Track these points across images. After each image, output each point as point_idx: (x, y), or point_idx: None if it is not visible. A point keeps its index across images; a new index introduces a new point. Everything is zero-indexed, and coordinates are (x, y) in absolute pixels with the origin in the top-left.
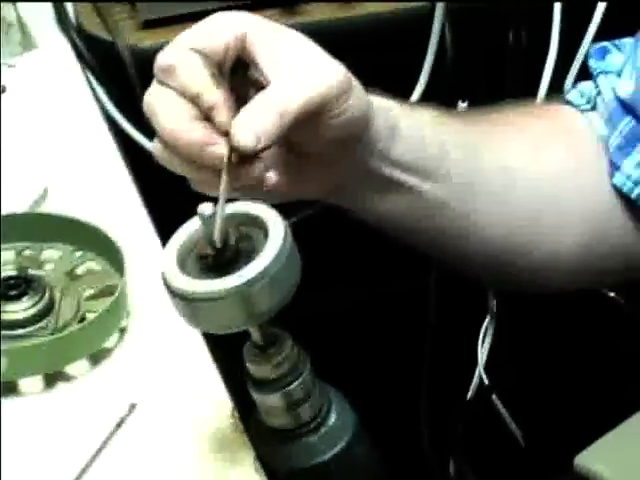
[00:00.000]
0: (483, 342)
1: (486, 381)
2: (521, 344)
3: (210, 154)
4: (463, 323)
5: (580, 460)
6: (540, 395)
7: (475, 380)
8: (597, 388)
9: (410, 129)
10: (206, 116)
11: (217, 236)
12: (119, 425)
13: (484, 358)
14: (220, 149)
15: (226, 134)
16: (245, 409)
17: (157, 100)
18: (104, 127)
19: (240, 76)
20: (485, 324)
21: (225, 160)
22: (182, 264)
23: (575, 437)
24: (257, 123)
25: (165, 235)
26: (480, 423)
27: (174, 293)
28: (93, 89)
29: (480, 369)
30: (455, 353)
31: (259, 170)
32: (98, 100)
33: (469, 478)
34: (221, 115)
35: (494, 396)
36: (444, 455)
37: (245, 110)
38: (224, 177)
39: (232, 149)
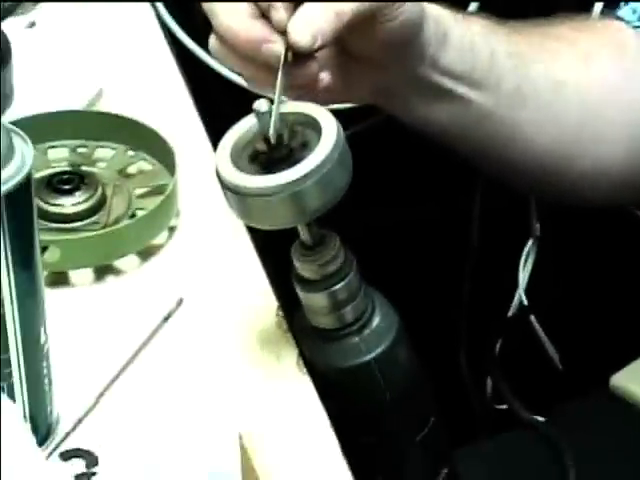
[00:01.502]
0: (525, 265)
1: (525, 303)
2: (563, 268)
3: (267, 51)
4: (505, 245)
5: (616, 380)
6: (579, 318)
7: (515, 302)
8: (635, 312)
9: (460, 37)
10: (264, 14)
11: (272, 132)
12: (167, 319)
13: (525, 280)
14: (277, 47)
15: (283, 32)
16: (291, 309)
17: None
18: (159, 32)
19: None
20: (527, 247)
21: (282, 58)
22: (236, 160)
23: (611, 360)
24: (314, 22)
25: (215, 138)
26: (518, 345)
27: (227, 188)
28: None
29: (520, 291)
30: (496, 274)
31: (314, 70)
32: (154, 6)
33: (506, 396)
34: (279, 13)
35: (532, 317)
36: (481, 374)
37: (302, 9)
38: (280, 75)
39: (288, 47)
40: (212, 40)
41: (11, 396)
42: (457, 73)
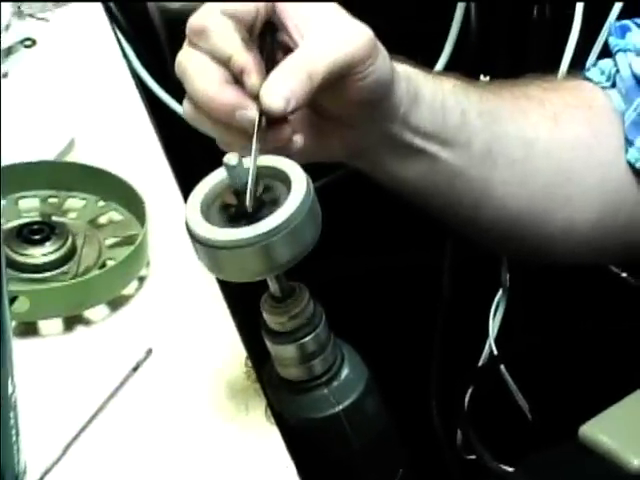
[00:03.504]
0: (495, 315)
1: (495, 352)
2: (533, 318)
3: (240, 117)
4: (476, 296)
5: (584, 430)
6: (548, 368)
7: (485, 352)
8: (603, 363)
9: (432, 96)
10: (236, 79)
11: (248, 198)
12: (135, 369)
13: (495, 331)
14: (250, 113)
15: (256, 97)
16: (259, 360)
17: (188, 62)
18: (131, 82)
19: (269, 39)
20: (497, 298)
21: (256, 124)
22: (205, 213)
23: (580, 410)
24: (286, 87)
25: (186, 189)
26: (488, 395)
27: (196, 240)
28: (121, 46)
29: (491, 341)
30: (467, 325)
31: (287, 133)
32: (126, 57)
33: (475, 447)
34: (251, 78)
35: (502, 368)
36: (452, 425)
37: (274, 74)
38: (255, 140)
39: (262, 112)
40: (186, 105)
41: None
42: (428, 132)
